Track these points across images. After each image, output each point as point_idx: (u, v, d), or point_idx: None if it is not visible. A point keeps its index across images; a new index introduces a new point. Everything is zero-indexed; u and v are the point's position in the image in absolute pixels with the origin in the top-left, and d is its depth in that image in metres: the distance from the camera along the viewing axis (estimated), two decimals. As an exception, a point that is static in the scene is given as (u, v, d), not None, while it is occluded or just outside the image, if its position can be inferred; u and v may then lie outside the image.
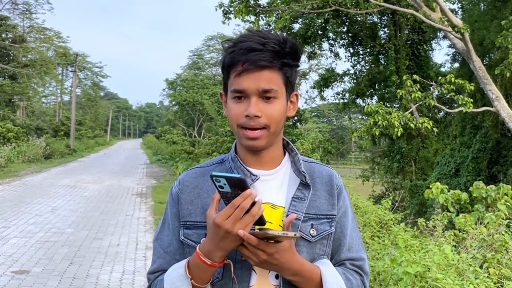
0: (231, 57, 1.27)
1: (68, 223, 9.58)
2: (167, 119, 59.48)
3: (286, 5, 12.41)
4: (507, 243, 4.28)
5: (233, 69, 1.27)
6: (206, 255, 1.20)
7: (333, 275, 1.29)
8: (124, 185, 16.65)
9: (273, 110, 1.27)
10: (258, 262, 1.20)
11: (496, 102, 10.18)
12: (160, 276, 1.34)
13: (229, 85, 1.30)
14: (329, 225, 1.37)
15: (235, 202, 1.13)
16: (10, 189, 14.64)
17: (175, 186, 1.40)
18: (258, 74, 1.25)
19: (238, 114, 1.27)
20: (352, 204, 1.50)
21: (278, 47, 1.26)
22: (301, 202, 1.33)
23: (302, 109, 24.97)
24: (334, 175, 1.43)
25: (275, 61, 1.26)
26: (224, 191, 1.15)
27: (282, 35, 1.30)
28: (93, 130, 63.83)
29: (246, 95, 1.26)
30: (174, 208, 1.37)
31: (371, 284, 3.77)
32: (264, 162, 1.35)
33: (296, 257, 1.23)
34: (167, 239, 1.37)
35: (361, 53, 19.08)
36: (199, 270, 1.22)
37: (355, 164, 44.33)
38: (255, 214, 1.14)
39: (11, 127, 28.53)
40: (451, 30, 10.30)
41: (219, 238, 1.16)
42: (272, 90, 1.26)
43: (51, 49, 42.55)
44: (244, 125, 1.27)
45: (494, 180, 12.44)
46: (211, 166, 1.41)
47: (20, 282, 5.87)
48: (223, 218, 1.14)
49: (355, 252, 1.42)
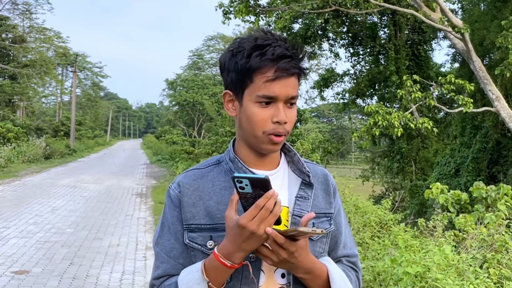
0: (261, 61, 1.25)
1: (68, 223, 9.58)
2: (167, 119, 59.53)
3: (286, 5, 12.41)
4: (507, 243, 4.28)
5: (261, 74, 1.25)
6: (226, 256, 1.19)
7: (338, 272, 1.33)
8: (124, 185, 16.65)
9: (293, 116, 1.31)
10: (277, 261, 1.20)
11: (496, 102, 10.17)
12: (166, 281, 1.33)
13: (251, 89, 1.27)
14: (329, 223, 1.40)
15: (259, 202, 1.13)
16: (10, 189, 14.64)
17: (173, 188, 1.38)
18: (288, 81, 1.27)
19: (265, 119, 1.27)
20: (344, 203, 1.54)
21: (298, 53, 1.29)
22: (305, 201, 1.35)
23: (302, 109, 25.02)
24: (329, 174, 1.47)
25: (301, 69, 1.30)
26: (245, 192, 1.14)
27: (287, 38, 1.33)
28: (93, 130, 63.87)
29: (274, 101, 1.27)
30: (174, 211, 1.35)
31: (371, 284, 3.77)
32: (265, 162, 1.36)
33: (310, 256, 1.26)
34: (168, 244, 1.35)
35: (361, 53, 19.08)
36: (217, 272, 1.21)
37: (355, 164, 44.32)
38: (277, 213, 1.15)
39: (11, 127, 28.53)
40: (451, 30, 10.30)
41: (242, 239, 1.16)
42: (296, 96, 1.30)
43: (51, 49, 42.57)
44: (272, 132, 1.28)
45: (494, 180, 12.44)
46: (208, 167, 1.40)
47: (20, 282, 5.87)
48: (248, 219, 1.14)
49: (349, 249, 1.47)
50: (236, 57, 1.28)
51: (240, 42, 1.29)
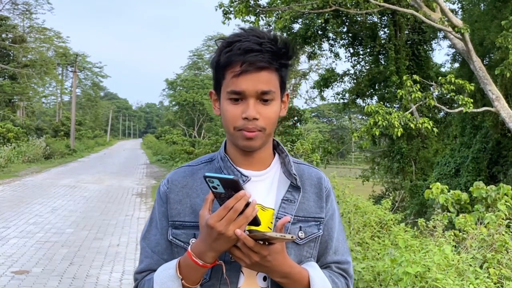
0: (228, 56, 1.24)
1: (68, 223, 9.58)
2: (167, 119, 59.53)
3: (286, 5, 12.41)
4: (507, 243, 4.28)
5: (230, 70, 1.24)
6: (198, 255, 1.18)
7: (320, 278, 1.29)
8: (124, 185, 16.65)
9: (270, 112, 1.26)
10: (249, 264, 1.18)
11: (496, 102, 10.17)
12: (147, 276, 1.33)
13: (224, 86, 1.27)
14: (317, 228, 1.36)
15: (228, 203, 1.11)
16: (10, 189, 14.64)
17: (163, 184, 1.38)
18: (256, 76, 1.23)
19: (235, 116, 1.25)
20: (340, 200, 1.51)
21: (275, 47, 1.25)
22: (290, 205, 1.32)
23: (302, 109, 25.01)
24: (323, 178, 1.42)
25: (273, 62, 1.24)
26: (218, 192, 1.13)
27: (275, 34, 1.28)
28: (93, 130, 63.89)
29: (244, 97, 1.24)
30: (162, 208, 1.35)
31: (371, 284, 3.77)
32: (254, 162, 1.34)
33: (286, 260, 1.23)
34: (154, 239, 1.36)
35: (361, 53, 19.08)
36: (190, 271, 1.21)
37: (355, 164, 44.31)
38: (248, 215, 1.13)
39: (11, 127, 28.54)
40: (451, 30, 10.30)
41: (212, 239, 1.15)
42: (270, 91, 1.25)
43: (51, 49, 42.53)
44: (242, 128, 1.25)
45: (494, 180, 12.44)
46: (199, 165, 1.39)
47: (20, 282, 5.87)
48: (216, 220, 1.13)
49: (340, 255, 1.42)
50: (214, 56, 1.30)
51: (217, 41, 1.31)
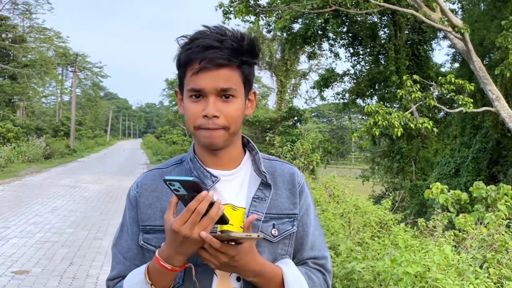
0: (187, 54, 1.22)
1: (68, 223, 9.58)
2: (167, 119, 59.53)
3: (286, 5, 12.41)
4: (507, 243, 4.28)
5: (190, 67, 1.23)
6: (166, 260, 1.16)
7: (294, 275, 1.27)
8: (124, 185, 16.64)
9: (231, 110, 1.23)
10: (218, 265, 1.17)
11: (496, 102, 10.18)
12: (119, 283, 1.31)
13: (185, 84, 1.25)
14: (291, 224, 1.34)
15: (190, 206, 1.10)
16: (10, 189, 14.64)
17: (132, 189, 1.35)
18: (216, 73, 1.21)
19: (196, 114, 1.23)
20: (314, 202, 1.48)
21: (236, 44, 1.22)
22: (261, 202, 1.30)
23: (302, 109, 25.02)
24: (296, 173, 1.40)
25: (234, 59, 1.22)
26: (181, 194, 1.11)
27: (240, 31, 1.26)
28: (93, 130, 63.90)
29: (204, 94, 1.22)
30: (132, 212, 1.33)
31: (371, 284, 3.77)
32: (223, 162, 1.31)
33: (256, 258, 1.21)
34: (126, 244, 1.33)
35: (361, 53, 19.08)
36: (160, 275, 1.19)
37: (355, 164, 44.31)
38: (213, 216, 1.11)
39: (11, 127, 28.53)
40: (451, 30, 10.30)
41: (177, 243, 1.13)
42: (230, 89, 1.22)
43: (51, 49, 42.52)
44: (202, 126, 1.23)
45: (494, 180, 12.44)
46: (169, 167, 1.37)
47: (20, 282, 5.87)
48: (180, 223, 1.11)
49: (317, 251, 1.40)
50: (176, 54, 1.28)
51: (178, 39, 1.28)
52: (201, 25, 1.27)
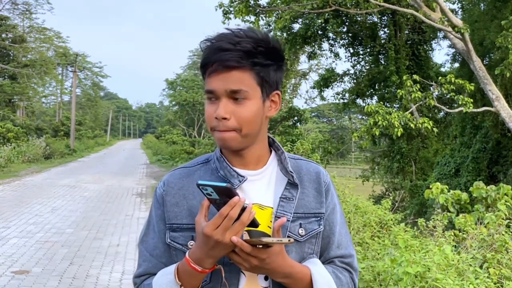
0: (204, 57, 1.25)
1: (68, 223, 9.58)
2: (167, 119, 59.51)
3: (286, 5, 12.41)
4: (507, 243, 4.28)
5: (206, 70, 1.25)
6: (196, 262, 1.17)
7: (323, 275, 1.28)
8: (124, 185, 16.65)
9: (243, 112, 1.23)
10: (249, 267, 1.18)
11: (496, 102, 10.17)
12: (146, 280, 1.32)
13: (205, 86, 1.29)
14: (318, 223, 1.35)
15: (222, 211, 1.11)
16: (10, 189, 14.64)
17: (159, 187, 1.37)
18: (226, 75, 1.22)
19: (210, 115, 1.25)
20: (340, 200, 1.49)
21: (251, 46, 1.22)
22: (289, 202, 1.31)
23: (302, 109, 25.02)
24: (322, 172, 1.41)
25: (244, 61, 1.22)
26: (213, 198, 1.13)
27: (262, 33, 1.27)
28: (93, 130, 63.88)
29: (216, 96, 1.24)
30: (159, 210, 1.34)
31: (371, 284, 3.77)
32: (248, 162, 1.32)
33: (286, 260, 1.22)
34: (152, 242, 1.35)
35: (361, 53, 19.07)
36: (189, 277, 1.20)
37: (355, 164, 44.32)
38: (245, 221, 1.12)
39: (11, 127, 28.54)
40: (451, 30, 10.30)
41: (209, 247, 1.15)
42: (241, 90, 1.22)
43: (51, 49, 42.55)
44: (215, 128, 1.25)
45: (494, 180, 12.44)
46: (196, 166, 1.38)
47: (20, 282, 5.87)
48: (212, 228, 1.12)
49: (344, 249, 1.40)
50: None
51: (201, 43, 1.30)
52: (225, 28, 1.29)
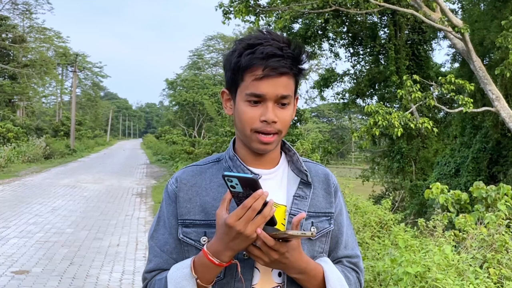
0: (250, 59, 1.26)
1: (68, 223, 9.58)
2: (167, 119, 59.50)
3: (286, 5, 12.41)
4: (507, 243, 4.28)
5: (250, 72, 1.26)
6: (214, 254, 1.19)
7: (334, 273, 1.32)
8: (124, 185, 16.65)
9: (287, 116, 1.30)
10: (268, 262, 1.20)
11: (496, 102, 10.18)
12: (157, 276, 1.34)
13: (242, 87, 1.29)
14: (328, 222, 1.40)
15: (246, 203, 1.13)
16: (10, 189, 14.63)
17: (171, 183, 1.39)
18: (278, 80, 1.26)
19: (254, 118, 1.28)
20: (346, 202, 1.53)
21: (295, 53, 1.28)
22: (303, 201, 1.35)
23: (302, 109, 25.02)
24: (330, 174, 1.46)
25: (294, 68, 1.28)
26: (236, 191, 1.15)
27: (289, 38, 1.31)
28: (93, 130, 63.86)
29: (263, 100, 1.27)
30: (170, 206, 1.36)
31: (371, 284, 3.77)
32: (265, 162, 1.36)
33: (303, 256, 1.25)
34: (163, 238, 1.37)
35: (361, 53, 19.08)
36: (206, 270, 1.22)
37: (355, 164, 44.33)
38: (267, 215, 1.14)
39: (11, 127, 28.53)
40: (451, 30, 10.30)
41: (229, 238, 1.16)
42: (288, 96, 1.28)
43: (51, 49, 42.56)
44: (260, 130, 1.28)
45: (494, 180, 12.45)
46: (207, 164, 1.41)
47: (20, 282, 5.87)
48: (234, 219, 1.14)
49: (351, 250, 1.46)
50: (231, 56, 1.30)
51: (237, 42, 1.31)
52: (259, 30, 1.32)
